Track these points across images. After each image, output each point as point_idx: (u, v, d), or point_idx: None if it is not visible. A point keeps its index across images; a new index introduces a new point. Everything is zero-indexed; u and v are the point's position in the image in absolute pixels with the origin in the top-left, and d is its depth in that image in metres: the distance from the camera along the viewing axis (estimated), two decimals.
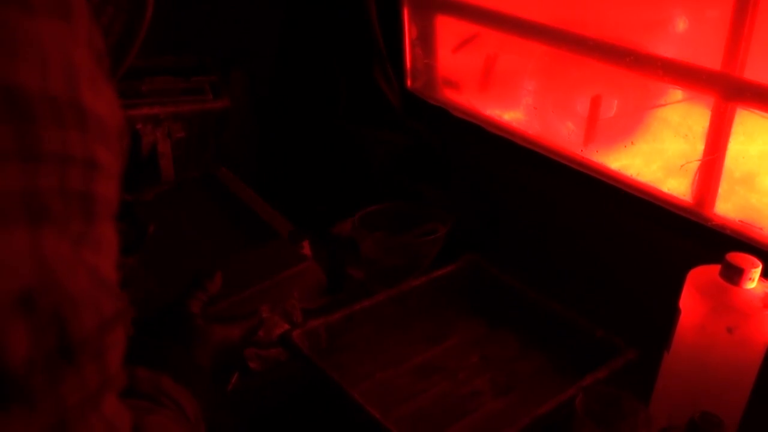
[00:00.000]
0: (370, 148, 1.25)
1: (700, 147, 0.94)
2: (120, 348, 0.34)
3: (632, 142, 1.05)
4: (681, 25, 0.99)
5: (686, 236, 0.94)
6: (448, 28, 1.29)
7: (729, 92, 0.87)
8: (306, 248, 1.02)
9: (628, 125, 1.07)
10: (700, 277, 0.72)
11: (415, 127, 1.26)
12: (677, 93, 0.99)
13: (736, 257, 0.69)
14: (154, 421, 0.54)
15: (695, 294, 0.70)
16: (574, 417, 0.71)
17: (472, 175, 1.24)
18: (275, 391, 0.90)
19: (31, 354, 0.28)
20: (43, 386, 0.29)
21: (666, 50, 0.96)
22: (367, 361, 0.93)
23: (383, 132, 1.27)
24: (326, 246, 1.12)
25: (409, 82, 1.34)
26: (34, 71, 0.29)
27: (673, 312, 0.74)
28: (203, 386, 0.65)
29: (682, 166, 0.96)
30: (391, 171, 1.25)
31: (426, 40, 1.32)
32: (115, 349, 0.33)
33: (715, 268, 0.71)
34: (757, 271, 0.68)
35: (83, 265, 0.31)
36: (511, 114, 1.23)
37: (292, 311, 0.99)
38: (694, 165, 0.94)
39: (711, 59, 0.90)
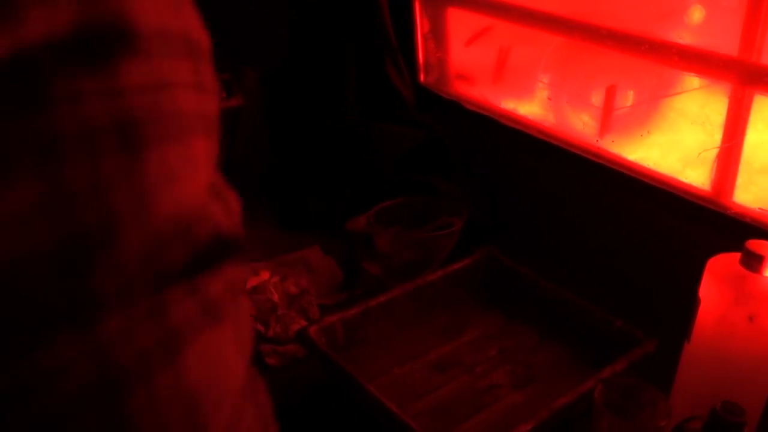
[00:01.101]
0: (383, 144, 1.25)
1: (717, 135, 0.93)
2: None
3: (648, 132, 1.04)
4: (697, 13, 0.98)
5: (705, 225, 0.93)
6: (460, 21, 1.29)
7: (746, 78, 0.86)
8: None
9: (644, 115, 1.06)
10: (720, 266, 0.71)
11: (428, 121, 1.26)
12: (694, 81, 0.98)
13: (756, 244, 0.68)
14: None
15: (715, 283, 0.70)
16: (594, 408, 0.71)
17: (486, 168, 1.23)
18: (293, 387, 0.90)
19: (229, 226, 0.33)
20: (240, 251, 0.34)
21: (682, 38, 0.95)
22: (384, 356, 0.93)
23: (396, 127, 1.26)
24: (341, 242, 1.12)
25: (421, 77, 1.34)
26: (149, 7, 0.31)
27: (692, 302, 0.73)
28: None
29: (699, 154, 0.95)
30: (404, 166, 1.24)
31: (438, 34, 1.31)
32: None
33: (734, 257, 0.70)
34: None
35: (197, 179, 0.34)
36: (525, 106, 1.22)
37: (308, 307, 0.99)
38: (712, 153, 0.93)
39: (727, 45, 0.88)
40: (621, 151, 1.05)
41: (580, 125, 1.12)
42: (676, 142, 1.02)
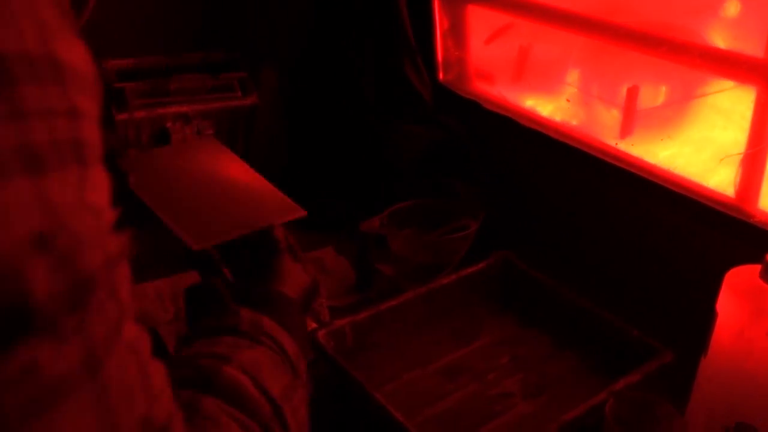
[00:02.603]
0: (401, 143, 1.23)
1: (742, 139, 0.90)
2: (128, 281, 0.36)
3: (670, 136, 1.01)
4: (732, 7, 0.94)
5: (727, 233, 0.89)
6: (480, 19, 1.26)
7: None
8: None
9: (666, 117, 1.03)
10: (739, 279, 0.68)
11: (447, 121, 1.24)
12: (718, 83, 0.95)
13: None
14: (248, 356, 0.54)
15: (733, 296, 0.67)
16: (604, 423, 0.69)
17: (504, 169, 1.21)
18: None
19: (52, 289, 0.30)
20: (69, 321, 0.31)
21: (715, 32, 0.92)
22: (394, 361, 0.92)
23: (414, 126, 1.25)
24: (355, 243, 1.10)
25: (440, 75, 1.32)
26: (8, 33, 0.30)
27: (710, 314, 0.71)
28: (301, 327, 0.65)
29: (722, 159, 0.92)
30: (421, 166, 1.23)
31: (457, 32, 1.29)
32: (125, 283, 0.36)
33: (755, 269, 0.67)
34: None
35: (87, 207, 0.33)
36: (545, 106, 1.20)
37: (320, 310, 0.98)
38: (736, 159, 0.90)
39: (754, 46, 0.85)
40: (642, 154, 1.02)
41: (601, 126, 1.09)
42: (699, 144, 0.99)
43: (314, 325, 0.94)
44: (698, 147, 1.01)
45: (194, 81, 1.14)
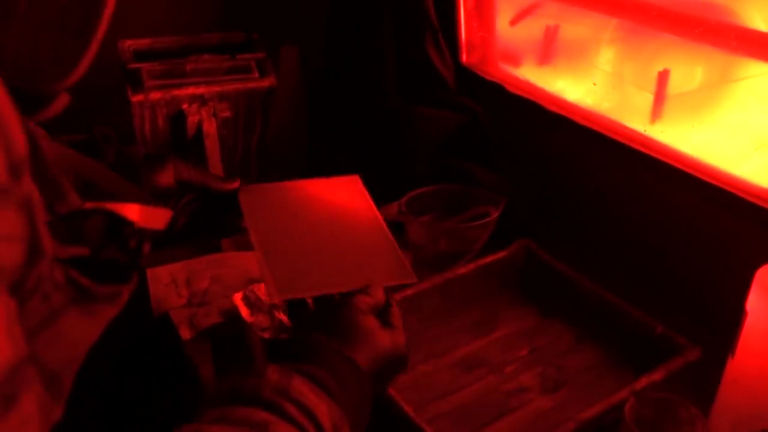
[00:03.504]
0: (422, 127, 1.20)
1: None
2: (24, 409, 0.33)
3: (702, 122, 0.97)
4: None
5: (760, 226, 0.85)
6: None
7: None
8: None
9: (699, 103, 0.98)
10: None
11: (469, 104, 1.20)
12: (755, 67, 0.90)
13: None
14: None
15: (764, 295, 0.63)
16: (622, 424, 0.66)
17: (527, 155, 1.17)
18: None
19: None
20: None
21: (748, 18, 0.87)
22: (409, 353, 0.89)
23: (436, 110, 1.21)
24: None
25: (463, 57, 1.28)
26: None
27: (740, 312, 0.67)
28: (358, 393, 0.55)
29: (757, 146, 0.87)
30: (442, 151, 1.19)
31: (482, 12, 1.25)
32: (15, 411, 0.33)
33: None
34: None
35: None
36: (572, 90, 1.15)
37: None
38: None
39: None
40: (672, 141, 0.98)
41: (629, 112, 1.05)
42: (733, 132, 0.94)
43: None
44: (732, 134, 0.96)
45: (211, 62, 1.12)
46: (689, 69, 1.01)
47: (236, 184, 0.76)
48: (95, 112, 0.99)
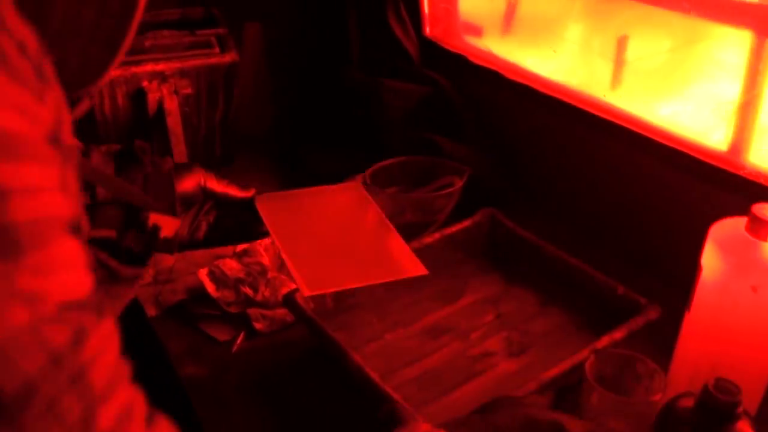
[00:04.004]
0: (386, 100, 1.20)
1: (735, 90, 0.86)
2: (106, 353, 0.32)
3: (662, 88, 0.98)
4: None
5: (717, 187, 0.87)
6: None
7: (765, 27, 0.79)
8: None
9: (659, 70, 0.99)
10: (724, 232, 0.65)
11: (433, 76, 1.20)
12: (710, 31, 0.91)
13: (764, 209, 0.63)
14: None
15: (718, 250, 0.64)
16: (584, 381, 0.67)
17: (491, 125, 1.18)
18: (281, 352, 0.88)
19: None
20: None
21: None
22: (376, 322, 0.90)
23: (400, 83, 1.21)
24: None
25: (427, 29, 1.27)
26: None
27: (697, 269, 0.68)
28: None
29: (714, 109, 0.88)
30: (407, 123, 1.19)
31: None
32: (99, 359, 0.32)
33: (740, 221, 0.65)
34: None
35: (18, 303, 0.29)
36: (534, 60, 1.16)
37: None
38: (729, 109, 0.87)
39: None
40: (633, 107, 0.99)
41: (590, 79, 1.06)
42: (690, 95, 0.96)
43: (294, 286, 0.92)
44: (691, 100, 0.97)
45: (171, 38, 1.11)
46: (648, 36, 1.02)
47: (252, 193, 0.84)
48: None
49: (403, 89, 1.21)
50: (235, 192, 0.83)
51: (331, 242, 0.84)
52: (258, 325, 0.89)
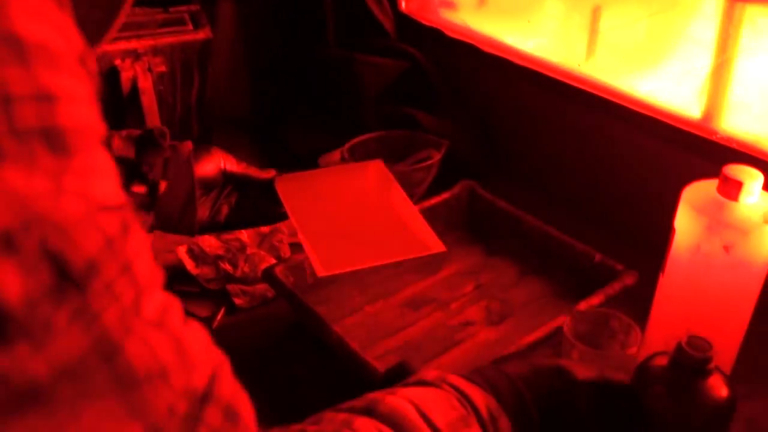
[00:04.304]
0: (363, 75, 1.19)
1: (707, 56, 0.87)
2: (144, 252, 0.34)
3: (634, 56, 0.98)
4: None
5: (691, 152, 0.88)
6: None
7: None
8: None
9: (630, 38, 0.99)
10: (697, 194, 0.66)
11: (410, 50, 1.19)
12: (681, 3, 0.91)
13: (735, 170, 0.63)
14: (416, 391, 0.49)
15: (690, 211, 0.65)
16: (563, 340, 0.68)
17: (469, 98, 1.18)
18: (262, 327, 0.88)
19: (27, 292, 0.28)
20: (48, 322, 0.29)
21: None
22: (357, 295, 0.90)
23: (376, 58, 1.20)
24: None
25: (402, 5, 1.27)
26: None
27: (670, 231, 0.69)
28: (515, 401, 0.53)
29: (688, 77, 0.89)
30: (385, 98, 1.19)
31: None
32: (141, 255, 0.34)
33: (712, 184, 0.66)
34: (757, 184, 0.63)
35: (72, 194, 0.31)
36: (509, 31, 1.16)
37: (279, 246, 0.96)
38: (701, 75, 0.87)
39: None
40: (606, 76, 0.99)
41: (565, 49, 1.06)
42: (663, 63, 0.96)
43: (273, 261, 0.92)
44: (665, 68, 0.98)
45: (143, 15, 1.09)
46: (622, 6, 1.02)
47: (272, 174, 0.84)
48: None
49: (379, 64, 1.21)
50: (255, 174, 0.83)
51: (350, 221, 0.83)
52: (238, 301, 0.89)
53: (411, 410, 0.47)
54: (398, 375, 0.59)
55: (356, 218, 0.84)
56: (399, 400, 0.47)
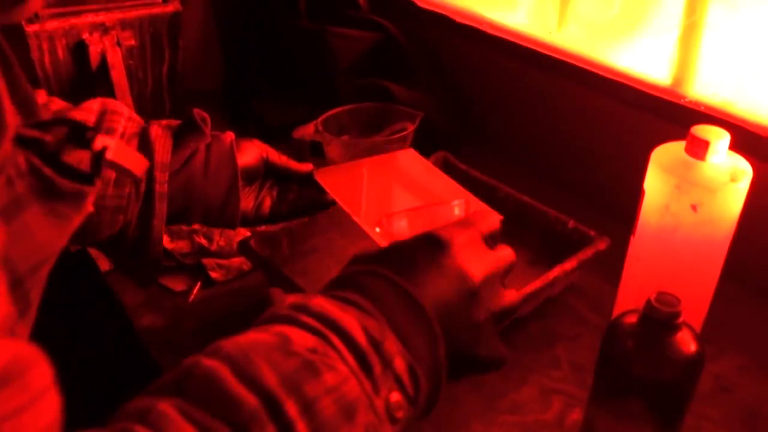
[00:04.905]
0: (336, 47, 1.19)
1: (675, 21, 0.88)
2: None
3: (605, 25, 0.99)
4: None
5: (661, 118, 0.89)
6: None
7: None
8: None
9: (602, 7, 1.00)
10: (665, 155, 0.67)
11: (382, 22, 1.19)
12: None
13: (702, 130, 0.64)
14: (245, 340, 0.39)
15: (659, 172, 0.66)
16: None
17: (441, 69, 1.18)
18: (238, 299, 0.88)
19: None
20: None
21: None
22: (333, 265, 0.90)
23: (349, 30, 1.20)
24: (290, 150, 1.07)
25: None
26: None
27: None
28: (402, 313, 0.44)
29: (658, 43, 0.90)
30: (358, 70, 1.19)
31: None
32: None
33: (680, 145, 0.66)
34: (724, 143, 0.64)
35: None
36: (481, 2, 1.15)
37: None
38: (670, 40, 0.88)
39: None
40: (578, 44, 1.00)
41: (537, 18, 1.06)
42: (633, 29, 0.97)
43: (248, 234, 0.92)
44: (631, 34, 0.99)
45: None
46: None
47: (310, 167, 0.81)
48: None
49: (351, 36, 1.20)
50: (295, 166, 0.80)
51: (400, 203, 0.82)
52: (214, 275, 0.89)
53: (227, 375, 0.37)
54: (262, 309, 0.48)
55: (405, 200, 0.84)
56: (215, 363, 0.38)
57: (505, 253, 0.53)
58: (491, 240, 0.53)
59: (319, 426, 0.37)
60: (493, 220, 0.55)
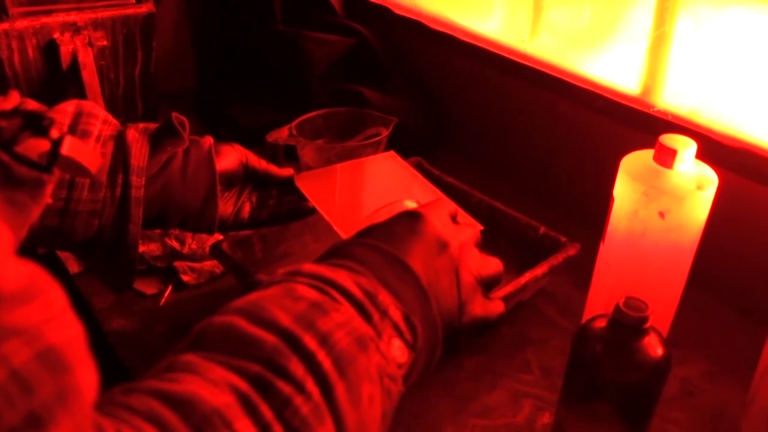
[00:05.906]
0: (310, 52, 1.19)
1: (644, 33, 0.90)
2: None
3: (577, 35, 1.00)
4: None
5: (630, 126, 0.90)
6: None
7: None
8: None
9: (574, 17, 1.01)
10: (634, 163, 0.68)
11: (356, 27, 1.19)
12: None
13: (670, 138, 0.66)
14: (251, 297, 0.41)
15: (628, 180, 0.67)
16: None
17: (415, 75, 1.19)
18: (210, 302, 0.87)
19: None
20: None
21: None
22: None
23: (323, 35, 1.20)
24: (264, 154, 1.07)
25: None
26: None
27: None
28: (388, 272, 0.46)
29: (628, 54, 0.92)
30: (333, 75, 1.19)
31: None
32: None
33: (649, 153, 0.68)
34: (690, 152, 0.65)
35: None
36: (455, 10, 1.17)
37: None
38: (640, 51, 0.90)
39: None
40: (550, 53, 1.01)
41: (510, 28, 1.08)
42: (604, 39, 0.99)
43: (221, 237, 0.91)
44: (607, 45, 1.01)
45: None
46: None
47: (291, 172, 0.81)
48: None
49: (326, 41, 1.20)
50: (275, 171, 0.80)
51: (368, 204, 0.83)
52: (186, 278, 0.88)
53: (242, 323, 0.39)
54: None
55: (374, 200, 0.83)
56: (227, 317, 0.40)
57: (494, 263, 0.57)
58: (455, 221, 0.57)
59: (338, 355, 0.39)
60: (473, 230, 0.57)
